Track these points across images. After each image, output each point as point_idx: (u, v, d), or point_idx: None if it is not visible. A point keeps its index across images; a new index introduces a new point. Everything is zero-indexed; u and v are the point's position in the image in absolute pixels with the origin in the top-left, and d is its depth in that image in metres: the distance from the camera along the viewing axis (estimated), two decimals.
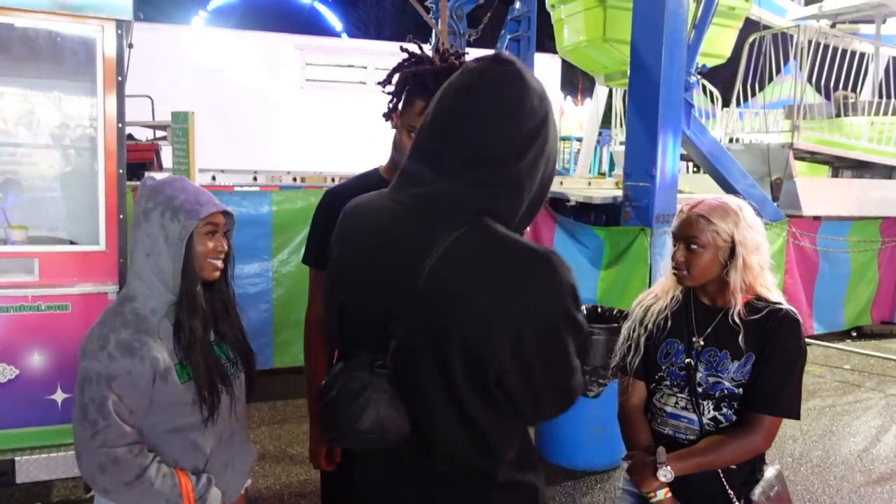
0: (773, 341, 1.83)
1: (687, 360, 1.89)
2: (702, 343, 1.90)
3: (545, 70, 12.04)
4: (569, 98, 20.89)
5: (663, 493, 1.81)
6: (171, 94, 8.85)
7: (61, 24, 3.18)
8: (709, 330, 1.90)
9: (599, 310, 4.52)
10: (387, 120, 2.03)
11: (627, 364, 1.99)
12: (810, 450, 4.53)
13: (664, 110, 5.28)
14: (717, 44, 7.57)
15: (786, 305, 1.88)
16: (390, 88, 1.99)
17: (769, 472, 1.92)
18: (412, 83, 1.94)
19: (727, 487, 1.82)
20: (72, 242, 3.42)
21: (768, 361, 1.83)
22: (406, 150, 1.97)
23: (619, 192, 5.78)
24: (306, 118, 10.68)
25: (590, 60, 8.23)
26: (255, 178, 5.80)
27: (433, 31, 8.11)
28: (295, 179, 5.81)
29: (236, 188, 5.26)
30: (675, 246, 1.91)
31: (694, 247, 1.85)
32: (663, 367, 1.94)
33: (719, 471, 1.85)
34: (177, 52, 10.30)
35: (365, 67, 12.12)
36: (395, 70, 1.99)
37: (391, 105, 2.00)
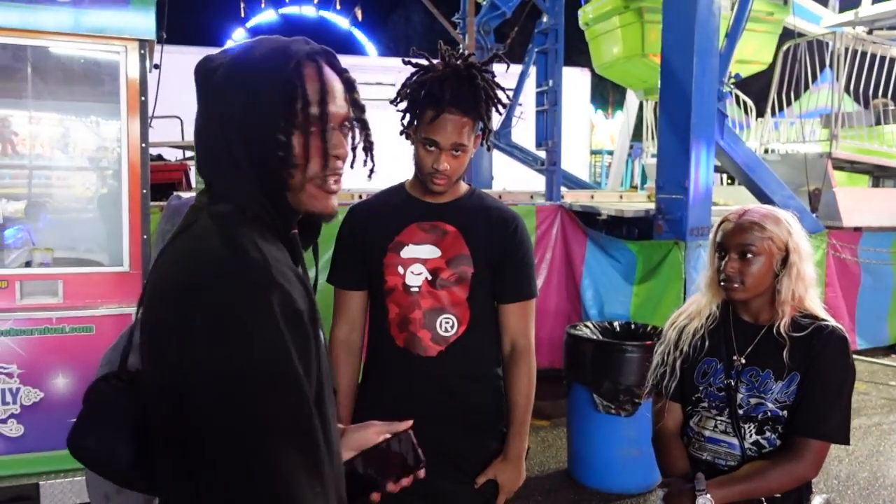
0: (819, 360, 1.72)
1: (727, 381, 1.79)
2: (743, 362, 1.79)
3: (575, 84, 11.95)
4: (599, 112, 20.79)
5: None
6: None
7: (84, 45, 3.19)
8: (750, 348, 1.79)
9: (633, 326, 4.44)
10: (406, 138, 1.98)
11: (663, 388, 1.88)
12: (857, 471, 4.33)
13: (696, 121, 5.16)
14: (758, 50, 7.44)
15: (833, 323, 1.77)
16: (403, 105, 1.93)
17: (817, 501, 1.80)
18: (419, 94, 1.88)
19: None
20: (98, 264, 3.41)
21: (815, 382, 1.71)
22: (423, 165, 1.93)
23: (652, 206, 5.66)
24: None
25: (628, 76, 8.15)
26: None
27: (460, 46, 8.08)
28: None
29: None
30: (721, 257, 1.80)
31: (749, 255, 1.74)
32: (701, 388, 1.83)
33: (763, 500, 1.73)
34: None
35: (393, 84, 12.16)
36: (403, 86, 1.93)
37: (405, 122, 1.94)
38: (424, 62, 1.92)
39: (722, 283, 1.79)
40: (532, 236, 5.61)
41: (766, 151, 7.71)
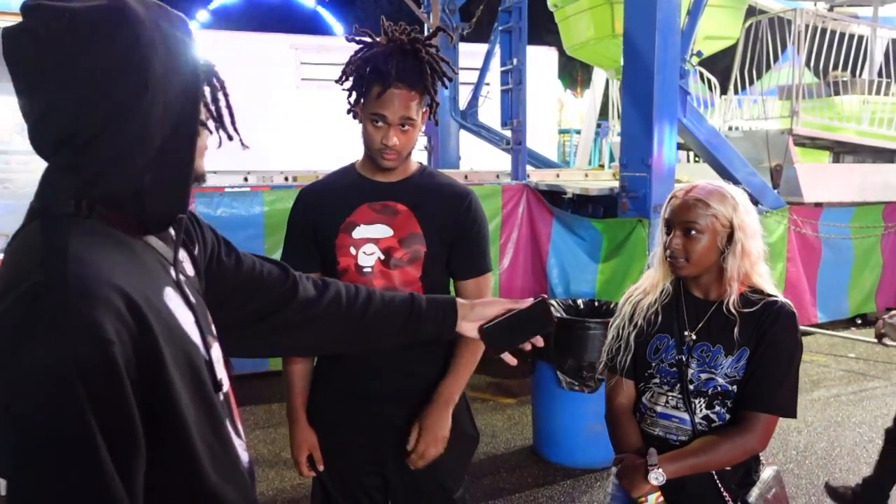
0: (768, 336, 1.74)
1: (678, 357, 1.81)
2: (693, 338, 1.81)
3: (542, 63, 11.92)
4: (568, 91, 20.80)
5: (654, 498, 1.72)
6: None
7: None
8: (701, 324, 1.81)
9: (596, 304, 4.48)
10: (354, 117, 1.96)
11: (617, 363, 1.90)
12: (815, 441, 4.43)
13: (659, 98, 5.18)
14: (723, 25, 7.46)
15: (781, 298, 1.79)
16: (348, 84, 1.91)
17: (767, 472, 1.83)
18: (365, 71, 1.86)
19: (722, 490, 1.74)
20: None
21: (764, 357, 1.74)
22: (372, 141, 1.92)
23: (616, 184, 5.69)
24: (302, 117, 10.62)
25: (599, 56, 8.14)
26: (245, 179, 5.72)
27: (425, 25, 8.02)
28: (287, 179, 5.73)
29: (227, 189, 5.18)
30: (668, 233, 1.81)
31: (693, 232, 1.75)
32: (653, 364, 1.85)
33: (713, 473, 1.76)
34: None
35: None
36: (347, 64, 1.91)
37: (352, 100, 1.93)
38: (368, 39, 1.90)
39: (669, 260, 1.80)
40: (498, 216, 5.70)
41: (729, 129, 7.77)
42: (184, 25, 1.02)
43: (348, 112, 1.95)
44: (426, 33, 1.93)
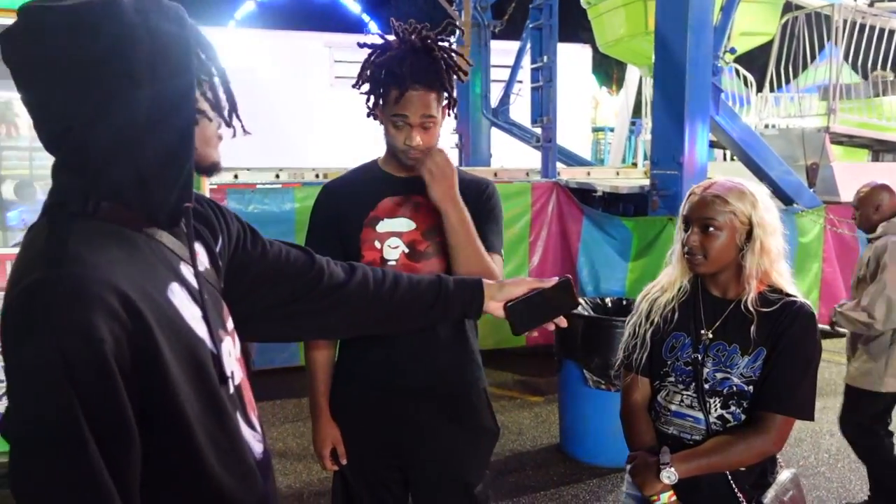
0: (786, 336, 1.72)
1: (694, 355, 1.79)
2: (710, 336, 1.79)
3: (575, 60, 11.85)
4: (603, 88, 20.62)
5: (667, 497, 1.71)
6: None
7: None
8: (718, 323, 1.79)
9: (624, 302, 4.45)
10: (374, 118, 1.99)
11: (633, 361, 1.89)
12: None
13: (691, 96, 5.14)
14: (759, 21, 7.35)
15: (801, 298, 1.77)
16: (365, 87, 1.95)
17: (784, 474, 1.81)
18: (380, 75, 1.89)
19: (736, 491, 1.72)
20: None
21: (781, 357, 1.72)
22: (396, 142, 1.95)
23: (647, 182, 5.65)
24: (335, 115, 10.70)
25: (633, 53, 8.09)
26: (277, 176, 5.79)
27: (457, 23, 8.03)
28: (318, 176, 5.79)
29: (259, 186, 5.25)
30: (686, 230, 1.79)
31: (711, 229, 1.73)
32: (668, 363, 1.84)
33: (727, 473, 1.75)
34: None
35: None
36: (362, 69, 1.94)
37: (370, 104, 1.96)
38: (379, 41, 1.92)
39: (686, 257, 1.79)
40: (527, 214, 5.69)
41: (765, 127, 7.66)
42: (176, 16, 1.03)
43: (368, 115, 1.98)
44: (457, 32, 1.95)
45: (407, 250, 1.99)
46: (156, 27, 1.00)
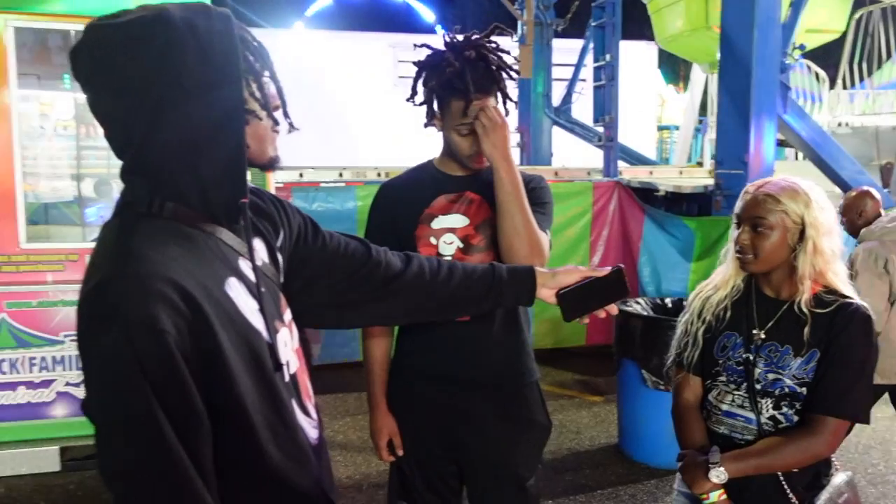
0: (840, 338, 1.70)
1: (745, 355, 1.79)
2: (762, 337, 1.78)
3: (640, 58, 11.69)
4: (670, 86, 20.25)
5: (717, 495, 1.71)
6: None
7: None
8: (771, 323, 1.78)
9: (684, 303, 4.39)
10: (434, 126, 2.06)
11: (684, 359, 1.89)
12: None
13: (757, 94, 5.03)
14: (828, 18, 7.14)
15: (857, 301, 1.74)
16: (420, 99, 2.02)
17: (839, 478, 1.78)
18: (440, 89, 1.95)
19: (788, 492, 1.71)
20: None
21: (835, 360, 1.69)
22: (461, 150, 2.00)
23: (711, 181, 5.56)
24: (398, 115, 10.83)
25: (693, 49, 7.96)
26: (340, 175, 5.91)
27: (518, 22, 8.04)
28: (380, 174, 5.88)
29: (322, 184, 5.37)
30: (738, 229, 1.79)
31: (760, 229, 1.73)
32: (720, 362, 1.84)
33: (779, 474, 1.73)
34: (274, 55, 10.61)
35: None
36: (423, 84, 2.01)
37: (428, 115, 2.03)
38: (438, 43, 1.99)
39: (736, 255, 1.78)
40: (588, 213, 5.68)
41: (838, 125, 7.43)
42: (223, 22, 1.09)
43: (426, 126, 2.05)
44: (519, 30, 2.00)
45: (462, 245, 2.04)
46: (204, 36, 1.06)
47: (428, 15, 23.24)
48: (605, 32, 6.24)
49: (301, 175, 5.65)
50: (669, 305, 4.37)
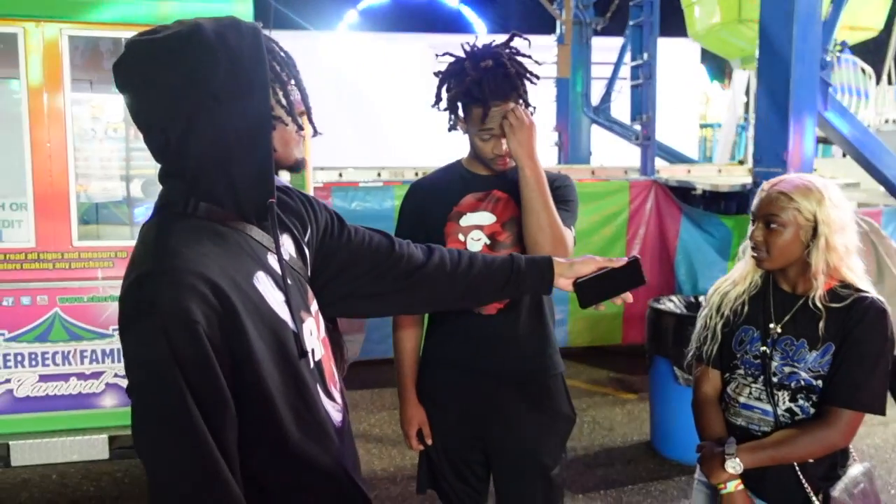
0: (856, 331, 1.73)
1: (762, 349, 1.83)
2: (779, 331, 1.82)
3: (681, 56, 11.59)
4: (715, 83, 19.97)
5: (734, 485, 1.76)
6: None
7: None
8: (787, 317, 1.82)
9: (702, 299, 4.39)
10: (458, 130, 2.15)
11: (703, 353, 1.94)
12: None
13: (796, 90, 4.98)
14: (867, 14, 7.02)
15: (873, 294, 1.77)
16: (443, 105, 2.11)
17: (855, 468, 1.82)
18: (461, 97, 2.04)
19: (804, 482, 1.75)
20: None
21: (850, 352, 1.73)
22: (484, 153, 2.08)
23: (749, 180, 5.52)
24: (436, 115, 10.90)
25: (724, 44, 7.88)
26: (378, 174, 6.02)
27: (557, 22, 8.05)
28: (417, 174, 5.97)
29: (361, 184, 5.48)
30: (753, 225, 1.83)
31: (773, 226, 1.77)
32: (738, 356, 1.88)
33: (795, 465, 1.77)
34: (314, 56, 10.82)
35: None
36: (440, 89, 2.11)
37: (451, 121, 2.12)
38: (452, 62, 2.08)
39: (752, 251, 1.82)
40: (625, 212, 5.70)
41: (885, 122, 7.29)
42: (252, 35, 1.19)
43: (450, 130, 2.15)
44: (558, 30, 2.06)
45: (489, 242, 2.12)
46: (234, 49, 1.16)
47: (475, 19, 23.31)
48: (642, 31, 6.23)
49: (340, 175, 5.77)
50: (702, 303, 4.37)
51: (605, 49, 8.83)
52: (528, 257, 1.65)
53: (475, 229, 2.13)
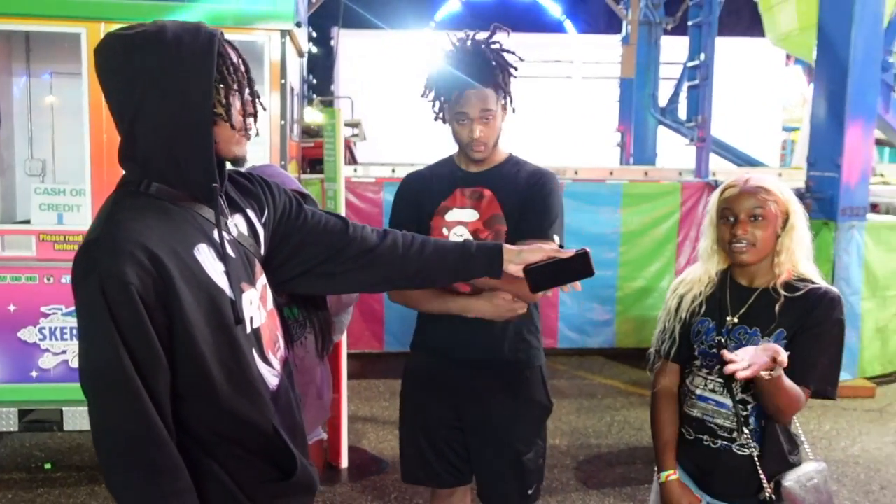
0: (810, 317, 1.77)
1: (717, 339, 1.86)
2: (735, 321, 1.86)
3: (761, 57, 11.24)
4: (812, 85, 19.22)
5: (665, 476, 1.83)
6: (371, 95, 9.42)
7: (235, 36, 3.69)
8: (743, 309, 1.86)
9: None
10: (442, 122, 2.22)
11: (663, 350, 1.98)
12: None
13: (853, 93, 4.86)
14: None
15: (826, 285, 1.80)
16: (431, 95, 2.20)
17: (811, 465, 1.84)
18: (442, 81, 2.15)
19: (759, 471, 1.80)
20: None
21: (804, 336, 1.77)
22: (461, 137, 2.16)
23: (801, 184, 5.39)
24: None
25: (804, 48, 7.67)
26: None
27: (623, 22, 8.01)
28: None
29: None
30: (726, 222, 1.84)
31: (759, 218, 1.80)
32: (695, 347, 1.92)
33: (755, 456, 1.81)
34: (378, 55, 11.01)
35: (572, 62, 12.18)
36: (427, 80, 2.20)
37: (436, 109, 2.20)
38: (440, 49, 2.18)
39: (734, 248, 1.82)
40: (676, 213, 5.67)
41: None
42: (207, 41, 1.35)
43: (435, 119, 2.23)
44: (623, 30, 2.14)
45: (471, 239, 2.17)
46: (185, 49, 1.32)
47: (554, 9, 23.19)
48: (701, 31, 6.16)
49: (393, 171, 5.95)
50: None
51: (676, 49, 8.73)
52: (479, 243, 1.74)
53: (459, 225, 2.20)
